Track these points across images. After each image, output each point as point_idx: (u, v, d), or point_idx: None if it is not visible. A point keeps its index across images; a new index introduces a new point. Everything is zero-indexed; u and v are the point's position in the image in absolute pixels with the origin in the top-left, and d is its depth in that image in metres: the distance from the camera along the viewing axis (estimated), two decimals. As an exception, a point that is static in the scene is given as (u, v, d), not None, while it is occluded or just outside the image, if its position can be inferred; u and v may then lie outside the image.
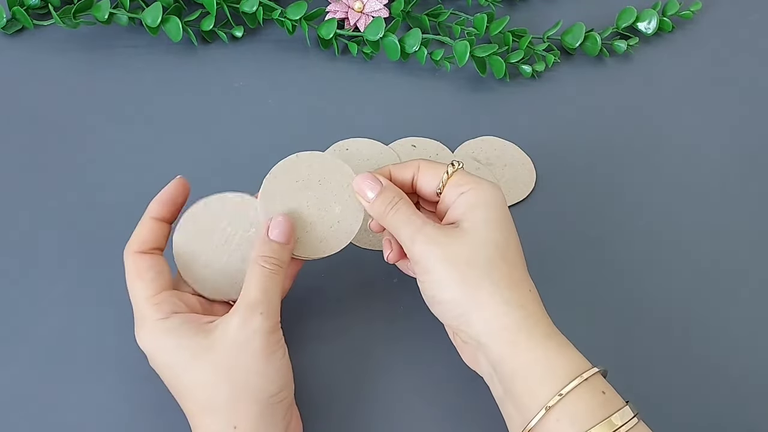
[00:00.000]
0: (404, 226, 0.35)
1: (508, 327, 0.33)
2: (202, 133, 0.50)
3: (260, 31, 0.57)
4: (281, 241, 0.35)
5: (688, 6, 0.58)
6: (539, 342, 0.32)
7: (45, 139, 0.49)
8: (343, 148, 0.49)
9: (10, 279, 0.43)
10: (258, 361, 0.32)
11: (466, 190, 0.36)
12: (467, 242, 0.34)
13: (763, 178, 0.50)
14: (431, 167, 0.37)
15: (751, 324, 0.43)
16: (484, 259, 0.33)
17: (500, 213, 0.35)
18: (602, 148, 0.51)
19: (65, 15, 0.51)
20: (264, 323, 0.33)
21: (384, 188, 0.36)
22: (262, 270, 0.34)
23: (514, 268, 0.34)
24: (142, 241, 0.35)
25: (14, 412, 0.38)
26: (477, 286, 0.33)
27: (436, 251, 0.34)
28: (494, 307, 0.33)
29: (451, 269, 0.33)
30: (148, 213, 0.36)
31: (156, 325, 0.33)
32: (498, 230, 0.35)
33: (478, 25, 0.54)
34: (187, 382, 0.33)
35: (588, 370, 0.32)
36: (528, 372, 0.32)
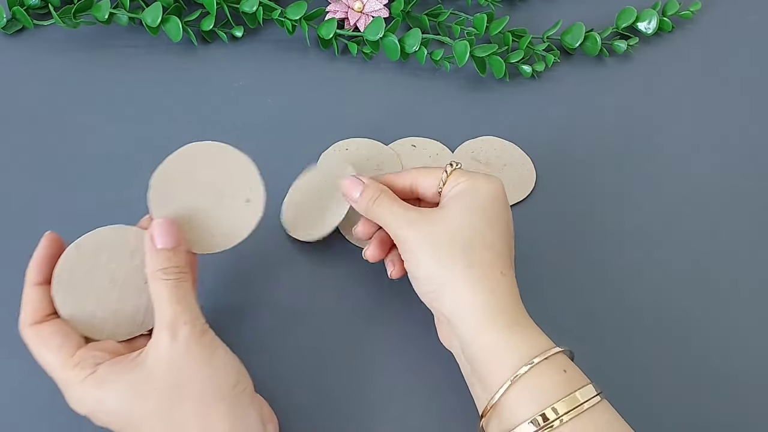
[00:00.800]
0: (388, 214, 0.37)
1: (474, 308, 0.34)
2: (202, 134, 0.50)
3: (260, 31, 0.57)
4: (169, 246, 0.34)
5: (688, 6, 0.58)
6: (504, 326, 0.33)
7: (45, 139, 0.49)
8: (343, 148, 0.49)
9: (10, 279, 0.43)
10: (202, 365, 0.32)
11: (461, 182, 0.37)
12: (446, 224, 0.35)
13: (763, 178, 0.50)
14: (429, 171, 0.39)
15: (752, 324, 0.43)
16: (460, 241, 0.35)
17: (488, 200, 0.36)
18: (602, 148, 0.51)
19: (65, 15, 0.51)
20: (192, 331, 0.32)
21: (366, 186, 0.39)
22: (166, 283, 0.33)
23: (491, 252, 0.35)
24: (33, 311, 0.34)
25: (14, 412, 0.38)
26: (450, 266, 0.34)
27: (416, 233, 0.36)
28: (463, 288, 0.34)
29: (428, 248, 0.35)
30: (28, 281, 0.35)
31: (84, 383, 0.32)
32: (480, 215, 0.36)
33: (478, 25, 0.54)
34: (139, 420, 0.32)
35: (550, 349, 0.33)
36: (491, 353, 0.33)
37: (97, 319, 0.34)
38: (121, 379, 0.32)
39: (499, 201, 0.37)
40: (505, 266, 0.36)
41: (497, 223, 0.36)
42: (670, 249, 0.46)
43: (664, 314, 0.43)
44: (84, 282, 0.34)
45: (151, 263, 0.34)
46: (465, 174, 0.38)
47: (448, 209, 0.37)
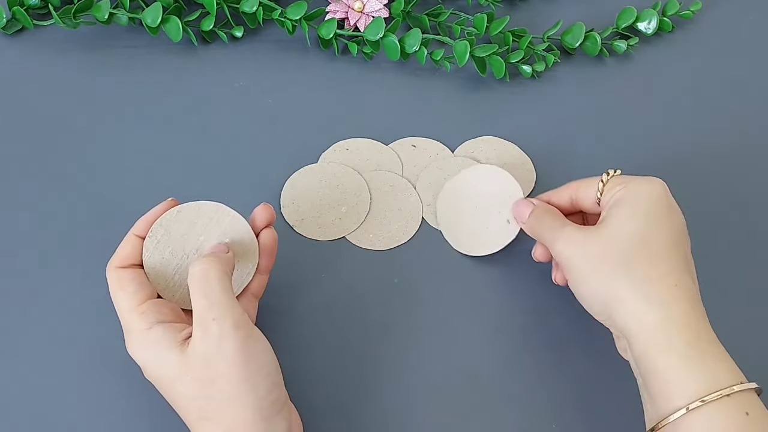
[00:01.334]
0: (546, 231, 0.37)
1: (646, 326, 0.31)
2: (202, 133, 0.50)
3: (260, 31, 0.57)
4: None
5: (688, 6, 0.58)
6: (680, 348, 0.31)
7: (45, 139, 0.49)
8: (343, 148, 0.49)
9: (10, 279, 0.43)
10: (236, 367, 0.31)
11: (618, 189, 0.36)
12: (603, 237, 0.34)
13: (763, 178, 0.50)
14: (588, 181, 0.39)
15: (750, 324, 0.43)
16: (619, 253, 0.33)
17: (648, 204, 0.34)
18: (602, 148, 0.51)
19: (65, 15, 0.51)
20: (223, 327, 0.31)
21: (536, 206, 0.40)
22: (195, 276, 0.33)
23: (659, 260, 0.33)
24: (123, 257, 0.36)
25: (14, 412, 0.38)
26: (613, 281, 0.33)
27: (572, 249, 0.35)
28: (633, 304, 0.32)
29: (586, 264, 0.34)
30: (133, 230, 0.37)
31: (141, 336, 0.33)
32: (641, 222, 0.34)
33: (478, 25, 0.54)
34: (176, 394, 0.33)
35: (734, 385, 0.29)
36: (666, 375, 0.31)
37: (173, 281, 0.37)
38: (165, 351, 0.33)
39: (662, 202, 0.35)
40: (681, 276, 0.33)
41: (662, 228, 0.34)
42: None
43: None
44: (174, 243, 0.37)
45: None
46: (622, 179, 0.36)
47: (606, 220, 0.35)
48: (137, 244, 0.36)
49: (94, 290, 0.42)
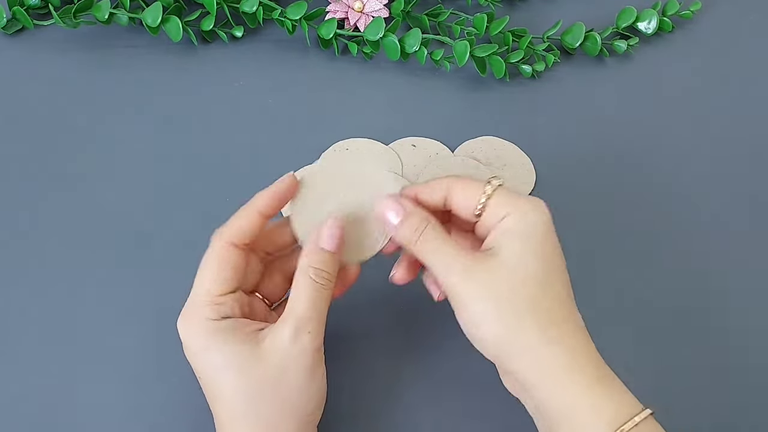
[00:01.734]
0: (436, 256, 0.32)
1: (552, 369, 0.31)
2: (202, 133, 0.50)
3: (260, 31, 0.57)
4: (331, 249, 0.33)
5: (688, 6, 0.58)
6: (586, 385, 0.30)
7: (45, 139, 0.49)
8: (343, 148, 0.49)
9: (11, 279, 0.43)
10: (303, 379, 0.32)
11: (506, 214, 0.32)
12: (506, 277, 0.31)
13: (763, 178, 0.50)
14: (466, 187, 0.34)
15: (750, 324, 0.43)
16: (525, 296, 0.31)
17: (543, 241, 0.32)
18: (602, 148, 0.51)
19: (65, 15, 0.51)
20: (312, 342, 0.32)
21: (409, 213, 0.33)
22: (313, 284, 0.32)
23: (559, 303, 0.32)
24: (240, 232, 0.34)
25: (14, 412, 0.38)
26: (518, 326, 0.31)
27: (473, 286, 0.31)
28: (537, 349, 0.31)
29: (489, 307, 0.31)
30: (255, 205, 0.34)
31: (206, 324, 0.32)
32: (540, 262, 0.32)
33: (478, 25, 0.54)
34: (227, 388, 0.32)
35: (639, 414, 0.30)
36: (573, 416, 0.30)
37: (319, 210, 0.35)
38: (234, 343, 0.32)
39: (552, 234, 0.33)
40: (576, 316, 0.32)
41: (557, 265, 0.32)
42: (669, 248, 0.46)
43: (666, 313, 0.43)
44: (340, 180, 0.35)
45: (307, 257, 0.33)
46: (507, 198, 0.33)
47: (502, 255, 0.32)
48: (256, 220, 0.34)
49: (94, 290, 0.42)
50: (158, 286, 0.43)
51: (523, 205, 0.33)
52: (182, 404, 0.38)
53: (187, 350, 0.33)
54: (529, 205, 0.33)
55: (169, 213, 0.46)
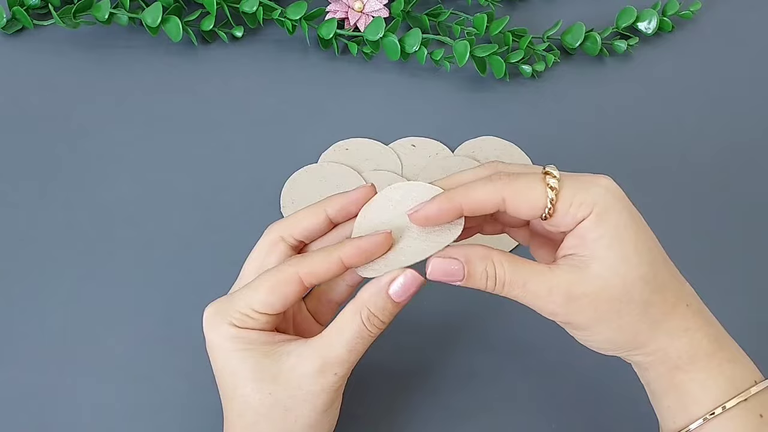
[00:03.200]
0: (527, 296, 0.30)
1: (669, 357, 0.30)
2: (202, 133, 0.50)
3: (260, 31, 0.57)
4: (400, 301, 0.30)
5: (688, 6, 0.58)
6: (700, 363, 0.30)
7: (45, 139, 0.49)
8: (342, 148, 0.49)
9: (10, 279, 0.43)
10: (315, 415, 0.30)
11: (584, 216, 0.29)
12: (616, 289, 0.29)
13: (763, 178, 0.50)
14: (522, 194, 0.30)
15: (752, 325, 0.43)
16: (637, 303, 0.29)
17: (632, 236, 0.30)
18: (602, 148, 0.51)
19: (65, 15, 0.51)
20: (336, 383, 0.30)
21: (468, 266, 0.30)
22: (361, 328, 0.30)
23: (667, 291, 0.30)
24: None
25: (14, 412, 0.38)
26: (636, 332, 0.30)
27: (583, 313, 0.29)
28: (655, 344, 0.30)
29: (604, 324, 0.30)
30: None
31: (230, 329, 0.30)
32: (642, 260, 0.29)
33: (478, 25, 0.54)
34: (241, 398, 0.30)
35: (748, 389, 0.29)
36: (682, 389, 0.30)
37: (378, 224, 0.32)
38: (252, 351, 0.30)
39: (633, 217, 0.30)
40: (684, 291, 0.31)
41: (656, 254, 0.30)
42: (669, 248, 0.46)
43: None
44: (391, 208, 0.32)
45: (367, 296, 0.30)
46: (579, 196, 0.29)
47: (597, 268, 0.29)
48: (337, 271, 0.31)
49: (94, 290, 0.42)
50: (158, 286, 0.43)
51: (599, 201, 0.29)
52: (182, 404, 0.38)
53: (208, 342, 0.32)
54: (604, 193, 0.29)
55: (169, 213, 0.46)
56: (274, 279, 0.30)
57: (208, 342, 0.31)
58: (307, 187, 0.47)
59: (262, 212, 0.45)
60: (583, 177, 0.30)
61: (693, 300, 0.31)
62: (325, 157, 0.49)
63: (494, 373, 0.40)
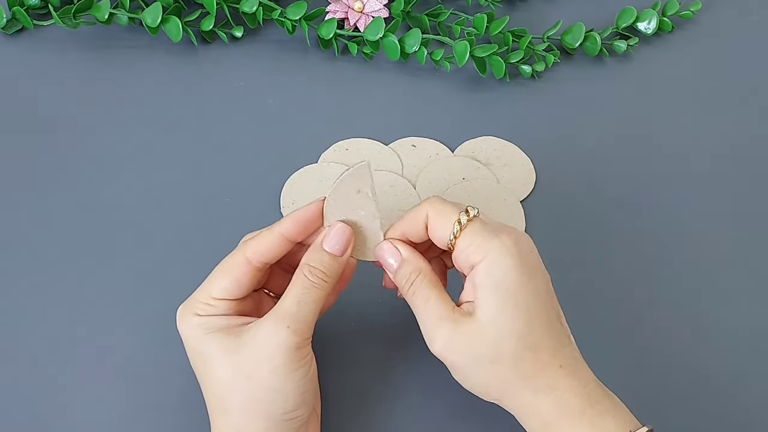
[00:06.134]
0: (422, 312, 0.33)
1: (539, 412, 0.32)
2: (202, 133, 0.50)
3: (260, 31, 0.57)
4: (335, 252, 0.33)
5: (688, 6, 0.58)
6: (575, 418, 0.31)
7: (45, 139, 0.49)
8: (342, 148, 0.49)
9: (10, 279, 0.43)
10: (276, 376, 0.31)
11: (476, 262, 0.32)
12: (487, 339, 0.31)
13: (763, 178, 0.50)
14: (442, 216, 0.33)
15: (754, 325, 0.43)
16: (507, 356, 0.31)
17: (520, 288, 0.31)
18: (602, 148, 0.51)
19: (65, 15, 0.51)
20: (290, 338, 0.31)
21: (403, 261, 0.34)
22: (304, 281, 0.32)
23: (542, 350, 0.32)
24: (260, 254, 0.33)
25: (14, 412, 0.38)
26: (504, 382, 0.32)
27: (454, 356, 0.32)
28: (522, 398, 0.32)
29: (475, 369, 0.32)
30: (278, 229, 0.34)
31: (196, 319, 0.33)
32: (520, 316, 0.31)
33: (478, 25, 0.54)
34: (210, 376, 0.32)
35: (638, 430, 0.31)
36: None
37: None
38: (216, 332, 0.32)
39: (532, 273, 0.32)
40: (562, 352, 0.32)
41: (540, 309, 0.32)
42: (670, 248, 0.46)
43: (668, 314, 0.43)
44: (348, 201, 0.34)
45: (306, 256, 0.33)
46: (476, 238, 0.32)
47: (482, 315, 0.31)
48: (280, 244, 0.33)
49: (94, 290, 0.42)
50: (158, 286, 0.43)
51: (494, 250, 0.31)
52: (182, 404, 0.38)
53: (182, 338, 0.34)
54: (500, 248, 0.31)
55: (169, 213, 0.46)
56: (224, 266, 0.33)
57: (182, 337, 0.33)
58: (307, 187, 0.47)
59: (262, 212, 0.45)
60: (495, 226, 0.33)
61: (570, 361, 0.33)
62: (325, 157, 0.49)
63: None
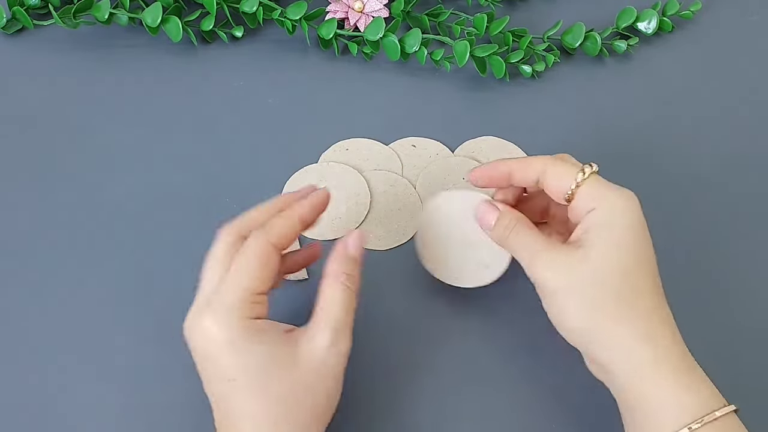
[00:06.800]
0: (523, 249, 0.35)
1: (633, 361, 0.32)
2: (202, 133, 0.50)
3: (260, 31, 0.57)
4: (358, 255, 0.35)
5: (688, 6, 0.58)
6: (667, 378, 0.31)
7: (45, 139, 0.49)
8: (343, 148, 0.49)
9: (10, 279, 0.43)
10: (334, 384, 0.32)
11: (594, 207, 0.33)
12: (591, 271, 0.32)
13: (763, 178, 0.50)
14: (562, 167, 0.35)
15: (756, 325, 0.43)
16: (609, 290, 0.32)
17: (631, 233, 0.33)
18: (602, 148, 0.51)
19: (65, 15, 0.51)
20: (347, 346, 0.32)
21: (502, 213, 0.36)
22: (346, 289, 0.33)
23: (645, 296, 0.32)
24: (283, 237, 0.33)
25: (14, 412, 0.38)
26: (602, 319, 0.32)
27: (556, 278, 0.33)
28: (620, 341, 0.32)
29: (573, 299, 0.32)
30: (297, 213, 0.34)
31: (243, 322, 0.31)
32: (627, 255, 0.32)
33: (478, 25, 0.54)
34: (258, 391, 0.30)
35: (719, 409, 0.30)
36: (651, 407, 0.31)
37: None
38: (269, 342, 0.31)
39: (641, 228, 0.33)
40: (663, 308, 0.33)
41: (645, 260, 0.33)
42: (670, 248, 0.46)
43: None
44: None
45: (337, 265, 0.34)
46: (597, 189, 0.34)
47: (590, 248, 0.32)
48: (297, 229, 0.34)
49: (94, 290, 0.42)
50: (158, 285, 0.43)
51: (612, 198, 0.33)
52: (182, 404, 0.38)
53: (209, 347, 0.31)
54: (618, 197, 0.34)
55: (169, 213, 0.46)
56: (257, 255, 0.32)
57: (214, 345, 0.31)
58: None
59: (262, 212, 0.45)
60: (611, 184, 0.35)
61: (669, 320, 0.33)
62: (325, 157, 0.49)
63: (494, 373, 0.40)
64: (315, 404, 0.32)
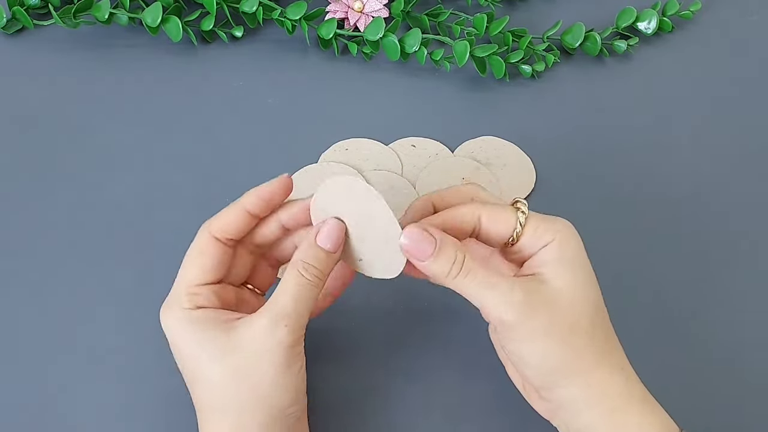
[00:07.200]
0: (484, 291, 0.31)
1: (609, 393, 0.31)
2: (202, 133, 0.50)
3: (260, 31, 0.57)
4: (329, 249, 0.32)
5: (688, 6, 0.58)
6: (635, 406, 0.31)
7: (45, 139, 0.49)
8: (342, 148, 0.49)
9: (10, 279, 0.43)
10: (275, 372, 0.31)
11: (547, 241, 0.32)
12: (568, 307, 0.31)
13: (764, 178, 0.50)
14: (497, 213, 0.32)
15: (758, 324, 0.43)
16: (586, 323, 0.31)
17: (588, 267, 0.33)
18: (602, 148, 0.51)
19: (65, 15, 0.51)
20: (287, 336, 0.31)
21: (441, 244, 0.31)
22: (299, 278, 0.32)
23: (607, 328, 0.32)
24: (225, 227, 0.33)
25: (14, 412, 0.38)
26: (581, 354, 0.31)
27: (537, 321, 0.31)
28: (599, 374, 0.31)
29: (554, 338, 0.31)
30: (242, 203, 0.34)
31: (182, 313, 0.32)
32: (593, 288, 0.32)
33: (478, 25, 0.54)
34: (202, 377, 0.32)
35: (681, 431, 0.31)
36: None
37: None
38: (208, 331, 0.32)
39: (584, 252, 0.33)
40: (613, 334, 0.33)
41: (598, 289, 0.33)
42: (670, 248, 0.46)
43: (669, 313, 0.43)
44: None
45: (300, 252, 0.32)
46: (542, 224, 0.32)
47: (556, 285, 0.31)
48: (244, 219, 0.34)
49: (93, 290, 0.42)
50: (158, 285, 0.42)
51: (563, 231, 0.32)
52: (182, 404, 0.38)
53: (171, 344, 0.33)
54: (563, 227, 0.32)
55: (169, 213, 0.46)
56: (193, 250, 0.34)
57: (168, 336, 0.33)
58: (307, 187, 0.47)
59: (262, 212, 0.45)
60: (547, 216, 0.33)
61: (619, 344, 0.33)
62: (325, 157, 0.49)
63: (494, 373, 0.40)
64: (255, 390, 0.31)
